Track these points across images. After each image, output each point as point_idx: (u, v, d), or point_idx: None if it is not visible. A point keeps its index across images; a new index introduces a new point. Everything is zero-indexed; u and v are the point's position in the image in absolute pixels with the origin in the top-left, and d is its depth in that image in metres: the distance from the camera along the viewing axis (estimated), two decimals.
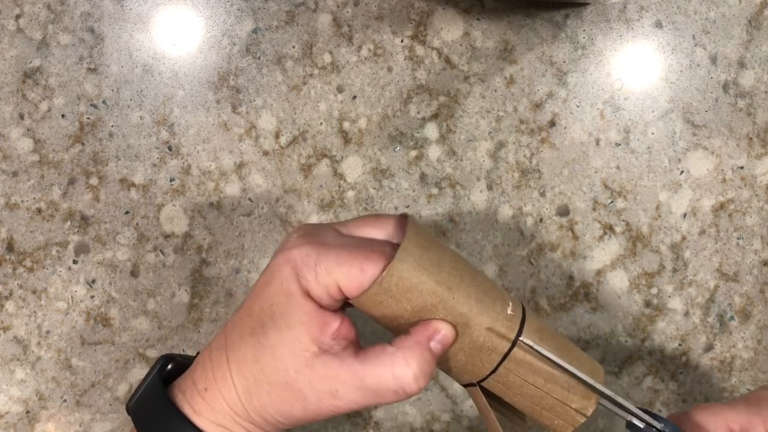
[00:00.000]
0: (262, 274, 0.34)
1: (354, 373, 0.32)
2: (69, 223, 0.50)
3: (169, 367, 0.37)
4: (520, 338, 0.33)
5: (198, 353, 0.37)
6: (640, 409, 0.35)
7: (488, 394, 0.35)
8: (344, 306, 0.35)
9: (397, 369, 0.31)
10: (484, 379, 0.34)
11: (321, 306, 0.33)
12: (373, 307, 0.33)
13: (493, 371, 0.34)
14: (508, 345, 0.33)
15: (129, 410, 0.35)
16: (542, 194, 0.50)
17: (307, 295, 0.32)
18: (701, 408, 0.37)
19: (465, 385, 0.36)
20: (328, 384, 0.32)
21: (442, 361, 0.34)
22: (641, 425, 0.35)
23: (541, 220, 0.50)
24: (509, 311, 0.33)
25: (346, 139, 0.50)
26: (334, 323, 0.33)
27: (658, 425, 0.34)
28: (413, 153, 0.50)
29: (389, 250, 0.33)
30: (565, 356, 0.34)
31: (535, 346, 0.33)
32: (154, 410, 0.34)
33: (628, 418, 0.35)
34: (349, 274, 0.32)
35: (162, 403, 0.34)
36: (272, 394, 0.32)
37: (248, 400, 0.33)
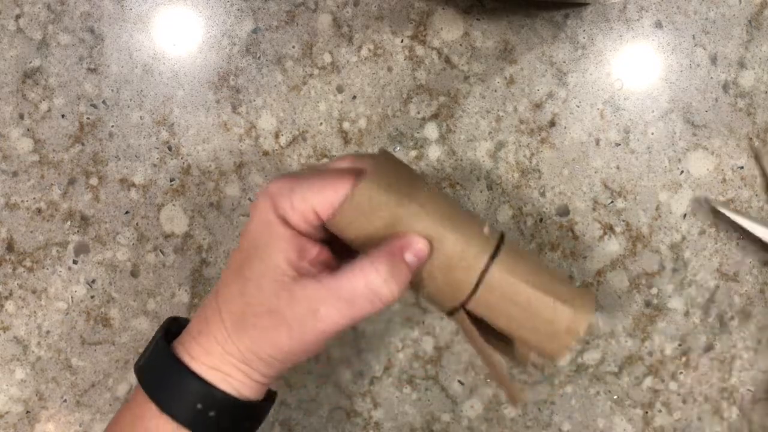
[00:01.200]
0: (242, 230, 0.35)
1: (329, 289, 0.32)
2: (69, 223, 0.50)
3: (175, 331, 0.37)
4: (495, 257, 0.33)
5: None
6: None
7: (475, 320, 0.34)
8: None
9: (369, 276, 0.32)
10: (466, 302, 0.33)
11: (300, 233, 0.33)
12: (347, 226, 0.33)
13: (473, 292, 0.33)
14: (483, 263, 0.33)
15: (136, 370, 0.36)
16: (542, 194, 0.50)
17: (285, 223, 0.33)
18: None
19: (450, 314, 0.35)
20: (307, 304, 0.32)
21: (423, 285, 0.34)
22: None
23: (541, 220, 0.50)
24: (485, 231, 0.33)
25: (346, 139, 0.50)
26: (313, 249, 0.34)
27: None
28: (413, 153, 0.50)
29: (364, 174, 0.34)
30: (543, 277, 0.33)
31: (507, 264, 0.33)
32: (155, 363, 0.35)
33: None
34: (324, 195, 0.33)
35: (162, 355, 0.35)
36: (257, 325, 0.33)
37: (238, 337, 0.33)
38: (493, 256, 0.33)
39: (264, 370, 0.34)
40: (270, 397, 0.37)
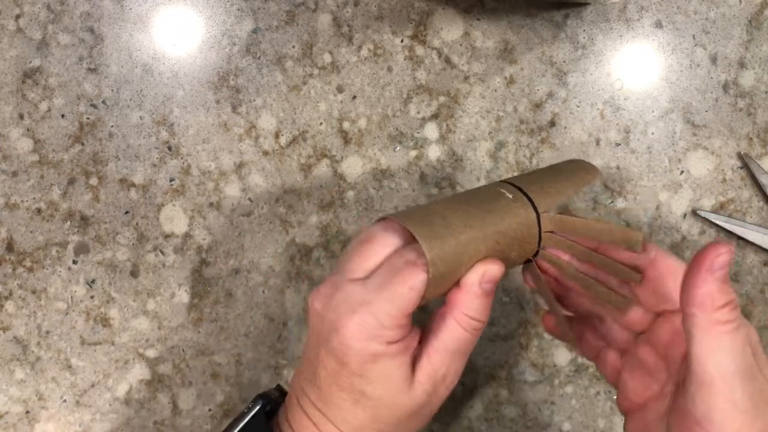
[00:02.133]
0: (323, 361, 0.34)
1: (441, 355, 0.34)
2: (69, 223, 0.50)
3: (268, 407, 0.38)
4: (532, 203, 0.36)
5: (286, 393, 0.39)
6: None
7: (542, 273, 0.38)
8: None
9: (459, 319, 0.34)
10: (537, 251, 0.37)
11: (402, 339, 0.34)
12: (439, 290, 0.35)
13: (540, 240, 0.37)
14: (533, 215, 0.36)
15: None
16: None
17: (390, 343, 0.33)
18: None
19: (524, 263, 0.39)
20: (434, 379, 0.34)
21: (506, 267, 0.37)
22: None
23: None
24: (510, 197, 0.36)
25: (346, 139, 0.50)
26: (415, 340, 0.35)
27: None
28: (413, 153, 0.50)
29: (406, 253, 0.34)
30: (562, 186, 0.37)
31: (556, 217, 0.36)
32: None
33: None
34: (405, 299, 0.33)
35: None
36: (404, 427, 0.35)
37: None
38: (532, 204, 0.36)
39: None
40: None
